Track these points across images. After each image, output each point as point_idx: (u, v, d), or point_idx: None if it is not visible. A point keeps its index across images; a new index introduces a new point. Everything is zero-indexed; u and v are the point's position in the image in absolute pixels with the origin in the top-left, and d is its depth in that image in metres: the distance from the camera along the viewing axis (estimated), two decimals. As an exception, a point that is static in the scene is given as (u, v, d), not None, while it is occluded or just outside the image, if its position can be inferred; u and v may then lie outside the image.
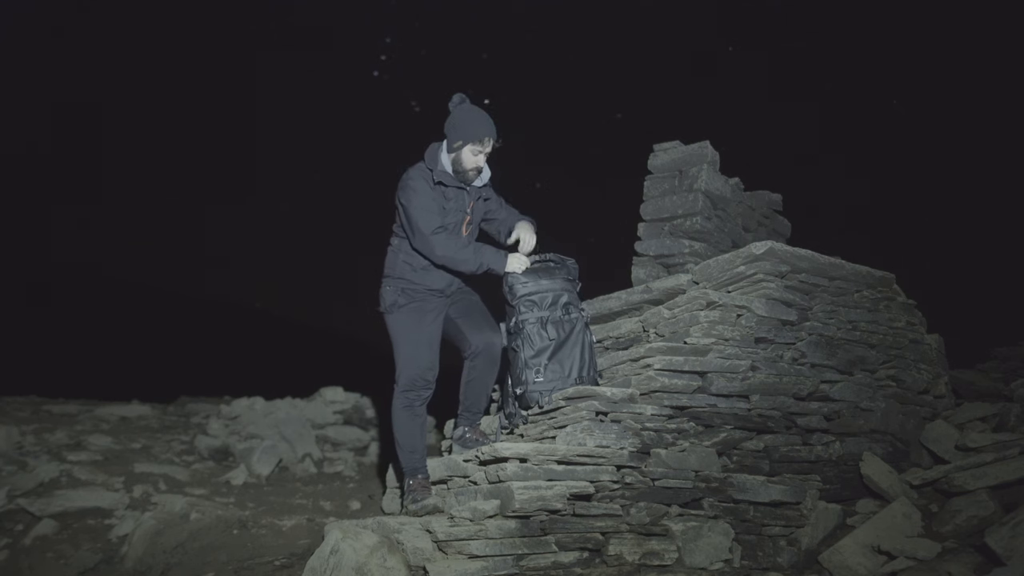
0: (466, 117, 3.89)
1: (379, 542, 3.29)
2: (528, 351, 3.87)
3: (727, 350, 4.08)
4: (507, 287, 3.98)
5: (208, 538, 4.70)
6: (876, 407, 4.48)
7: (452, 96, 3.97)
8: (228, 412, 7.88)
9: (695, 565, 3.58)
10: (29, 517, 5.02)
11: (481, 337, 4.01)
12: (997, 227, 13.49)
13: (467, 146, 3.85)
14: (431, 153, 3.96)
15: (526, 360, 3.87)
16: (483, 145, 3.86)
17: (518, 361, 3.90)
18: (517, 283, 3.95)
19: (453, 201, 3.94)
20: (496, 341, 4.04)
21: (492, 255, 3.90)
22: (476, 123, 3.86)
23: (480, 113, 3.91)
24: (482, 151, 3.87)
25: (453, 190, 3.93)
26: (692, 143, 5.28)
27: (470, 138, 3.84)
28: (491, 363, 4.05)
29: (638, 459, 3.73)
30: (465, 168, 3.88)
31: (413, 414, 3.90)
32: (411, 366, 3.86)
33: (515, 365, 3.94)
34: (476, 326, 4.01)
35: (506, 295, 3.99)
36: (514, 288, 3.95)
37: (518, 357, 3.90)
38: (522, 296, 3.93)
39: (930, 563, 3.49)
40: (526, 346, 3.87)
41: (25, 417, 7.22)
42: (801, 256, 4.37)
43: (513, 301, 3.95)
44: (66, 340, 17.79)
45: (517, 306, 3.93)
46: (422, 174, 3.90)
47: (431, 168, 3.91)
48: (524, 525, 3.36)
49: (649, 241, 5.22)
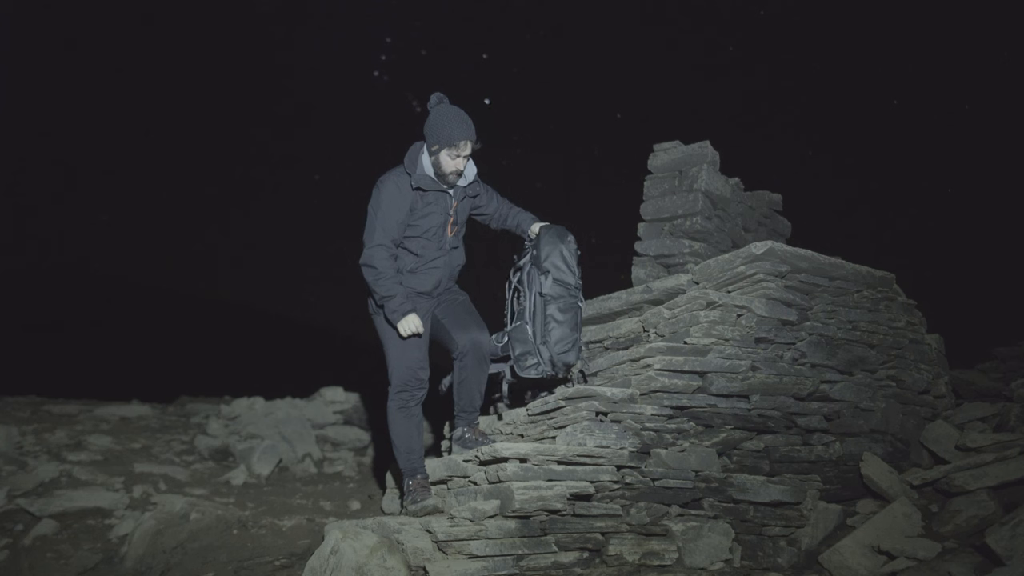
0: (441, 120, 3.79)
1: (379, 542, 3.29)
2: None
3: (727, 350, 4.08)
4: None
5: (208, 538, 4.70)
6: (876, 407, 4.48)
7: (431, 96, 3.89)
8: (228, 412, 7.87)
9: (695, 565, 3.58)
10: (29, 517, 5.02)
11: (467, 337, 3.93)
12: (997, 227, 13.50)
13: (444, 151, 3.77)
14: (411, 155, 3.88)
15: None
16: (459, 149, 3.77)
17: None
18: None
19: (434, 204, 3.87)
20: (483, 340, 3.97)
21: (396, 306, 3.76)
22: (452, 126, 3.76)
23: (457, 114, 3.81)
24: (459, 154, 3.79)
25: (434, 194, 3.87)
26: (692, 143, 5.28)
27: (445, 142, 3.76)
28: (480, 362, 3.98)
29: (638, 459, 3.73)
30: (444, 172, 3.82)
31: (408, 414, 3.88)
32: (402, 366, 3.84)
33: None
34: (462, 326, 3.95)
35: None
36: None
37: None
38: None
39: (930, 563, 3.50)
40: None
41: (25, 417, 7.22)
42: (801, 256, 4.37)
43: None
44: (66, 340, 17.79)
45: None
46: (397, 180, 3.83)
47: (410, 172, 3.84)
48: (524, 525, 3.36)
49: (649, 241, 5.22)
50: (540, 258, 4.00)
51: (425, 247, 3.89)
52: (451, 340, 3.97)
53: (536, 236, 4.11)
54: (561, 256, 4.00)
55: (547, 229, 4.11)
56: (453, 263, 4.03)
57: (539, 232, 4.11)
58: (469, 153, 3.83)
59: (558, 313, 3.94)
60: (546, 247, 4.01)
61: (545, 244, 4.03)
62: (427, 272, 3.91)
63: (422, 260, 3.90)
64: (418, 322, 3.79)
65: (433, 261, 3.92)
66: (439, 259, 3.94)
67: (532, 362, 3.95)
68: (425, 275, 3.91)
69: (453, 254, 4.02)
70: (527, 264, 4.08)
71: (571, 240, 4.08)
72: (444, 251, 3.95)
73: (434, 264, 3.93)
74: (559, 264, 3.99)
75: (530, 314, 3.99)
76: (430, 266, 3.92)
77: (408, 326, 3.77)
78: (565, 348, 3.93)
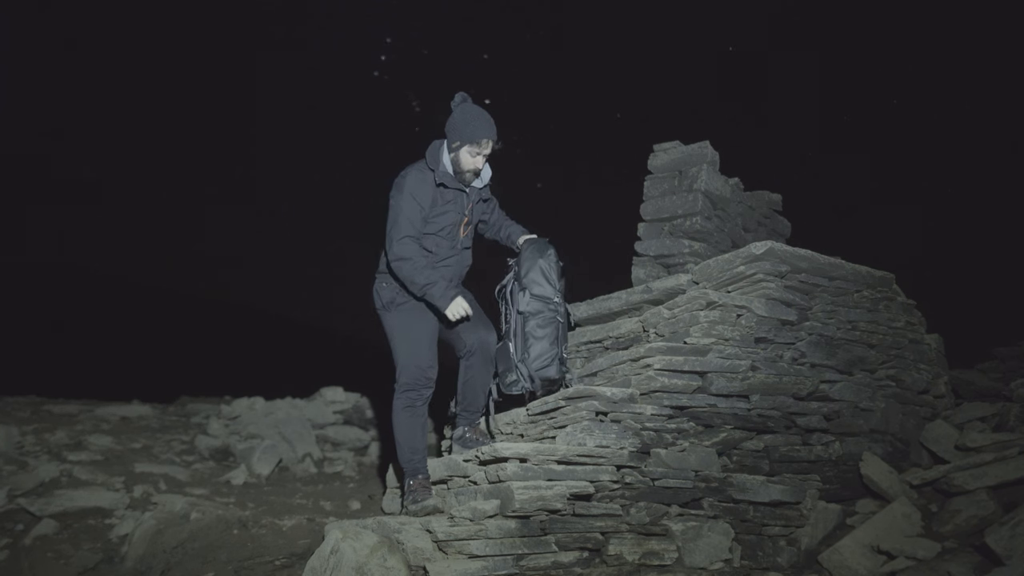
0: (465, 117, 3.86)
1: (379, 542, 3.29)
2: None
3: (727, 350, 4.08)
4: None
5: (208, 538, 4.70)
6: (876, 407, 4.48)
7: (455, 95, 3.95)
8: (228, 412, 7.87)
9: (695, 565, 3.58)
10: (29, 517, 5.02)
11: (476, 336, 3.98)
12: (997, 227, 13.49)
13: (464, 147, 3.83)
14: (433, 152, 3.93)
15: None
16: (480, 147, 3.83)
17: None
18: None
19: (452, 203, 3.92)
20: (490, 339, 4.02)
21: (441, 292, 3.78)
22: (474, 124, 3.83)
23: (480, 113, 3.88)
24: (479, 152, 3.85)
25: (453, 191, 3.92)
26: (692, 143, 5.28)
27: (467, 139, 3.82)
28: (486, 362, 4.03)
29: (638, 459, 3.73)
30: (463, 169, 3.87)
31: (414, 414, 3.88)
32: (411, 364, 3.84)
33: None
34: (470, 325, 3.98)
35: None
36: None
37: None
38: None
39: (930, 563, 3.50)
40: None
41: (25, 417, 7.22)
42: (801, 256, 4.37)
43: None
44: (66, 340, 17.79)
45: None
46: (421, 174, 3.88)
47: (433, 168, 3.89)
48: (524, 525, 3.36)
49: (649, 241, 5.22)
50: (520, 274, 4.07)
51: (439, 245, 3.92)
52: (459, 339, 3.99)
53: (519, 252, 4.16)
54: (540, 271, 4.04)
55: (528, 244, 4.16)
56: (463, 263, 4.07)
57: (521, 247, 4.17)
58: (489, 152, 3.89)
59: (537, 329, 3.98)
60: (526, 263, 4.08)
61: (525, 260, 4.09)
62: (439, 269, 3.92)
63: (435, 258, 3.92)
64: (466, 304, 3.83)
65: (445, 260, 3.95)
66: (451, 258, 3.97)
67: (512, 379, 4.00)
68: (437, 270, 3.91)
69: (464, 254, 4.06)
70: (510, 282, 4.13)
71: (551, 253, 4.10)
72: (456, 250, 3.99)
73: (446, 263, 3.95)
74: (537, 279, 4.03)
75: (512, 332, 4.03)
76: (442, 264, 3.94)
77: (457, 309, 3.79)
78: (544, 364, 3.97)
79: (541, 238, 4.22)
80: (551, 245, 4.15)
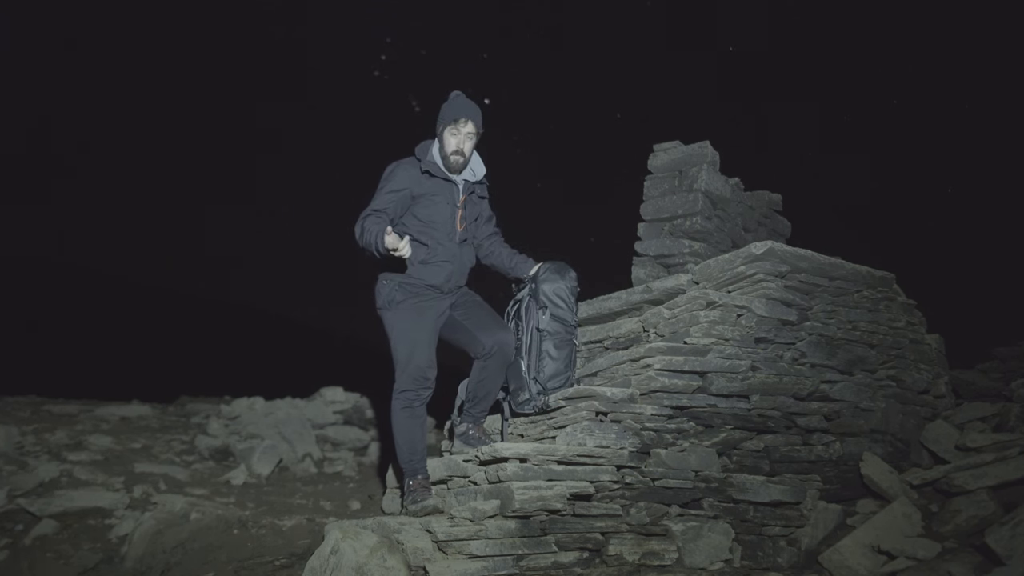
0: (448, 103, 4.00)
1: (379, 542, 3.29)
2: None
3: (727, 350, 4.08)
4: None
5: (208, 538, 4.70)
6: (876, 407, 4.48)
7: (449, 94, 4.05)
8: (228, 412, 7.86)
9: (695, 565, 3.58)
10: (29, 517, 5.02)
11: (493, 337, 3.95)
12: (997, 227, 13.49)
13: (446, 128, 3.93)
14: (422, 147, 4.04)
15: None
16: (459, 125, 3.91)
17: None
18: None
19: (441, 194, 3.95)
20: (508, 340, 4.00)
21: (377, 231, 3.62)
22: (453, 105, 3.96)
23: (461, 99, 4.00)
24: (459, 132, 3.92)
25: (441, 181, 3.95)
26: (692, 143, 5.28)
27: (447, 119, 3.93)
28: (503, 363, 4.00)
29: (638, 459, 3.73)
30: (447, 152, 3.94)
31: (413, 414, 3.87)
32: (411, 365, 3.82)
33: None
34: (486, 327, 3.97)
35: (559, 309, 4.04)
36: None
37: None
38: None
39: (930, 563, 3.49)
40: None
41: (25, 417, 7.21)
42: (801, 256, 4.37)
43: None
44: (66, 340, 17.79)
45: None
46: (407, 164, 3.98)
47: (420, 158, 3.99)
48: (524, 525, 3.36)
49: (649, 241, 5.22)
50: (539, 292, 4.04)
51: (435, 237, 3.93)
52: (475, 341, 3.97)
53: (536, 269, 4.13)
54: (561, 293, 4.03)
55: (549, 264, 4.14)
56: (464, 259, 4.05)
57: (539, 266, 4.14)
58: (471, 133, 3.94)
59: (553, 350, 3.99)
60: (546, 283, 4.04)
61: (546, 280, 4.05)
62: (438, 264, 3.92)
63: (432, 252, 3.92)
64: (403, 241, 3.59)
65: (443, 253, 3.95)
66: (450, 251, 3.97)
67: (524, 397, 4.01)
68: (436, 267, 3.92)
69: (464, 249, 4.05)
70: (525, 297, 4.10)
71: (572, 276, 4.10)
72: (455, 244, 3.98)
73: (445, 257, 3.95)
74: (558, 301, 4.03)
75: (525, 348, 4.02)
76: (440, 258, 3.94)
77: (392, 240, 3.56)
78: (557, 385, 3.98)
79: (560, 260, 4.20)
80: (571, 268, 4.13)
